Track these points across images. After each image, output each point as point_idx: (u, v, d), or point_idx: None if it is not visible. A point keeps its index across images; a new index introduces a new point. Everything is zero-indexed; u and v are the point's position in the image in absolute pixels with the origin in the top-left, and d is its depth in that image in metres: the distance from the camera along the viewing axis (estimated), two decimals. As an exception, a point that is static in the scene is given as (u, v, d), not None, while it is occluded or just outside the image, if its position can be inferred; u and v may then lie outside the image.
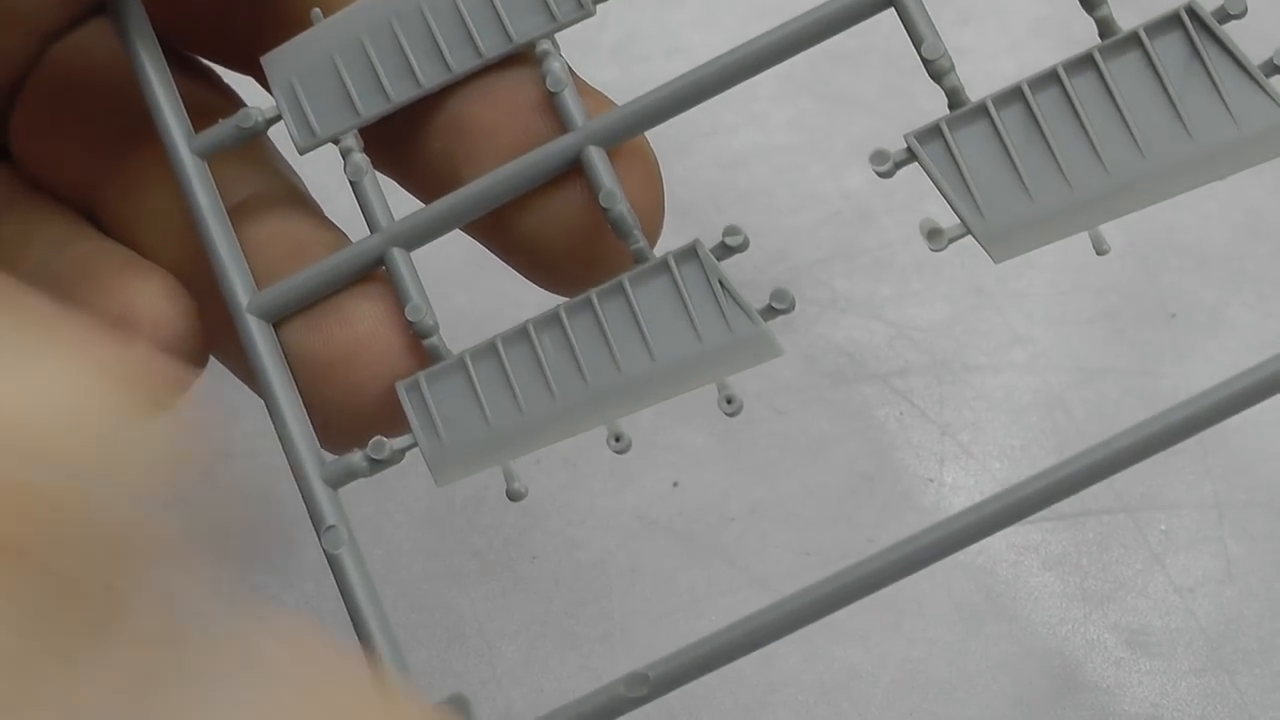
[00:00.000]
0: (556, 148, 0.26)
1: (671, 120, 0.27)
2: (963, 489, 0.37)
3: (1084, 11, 0.25)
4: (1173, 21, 0.24)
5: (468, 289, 0.40)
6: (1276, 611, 0.35)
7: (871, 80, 0.42)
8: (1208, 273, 0.40)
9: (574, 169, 0.26)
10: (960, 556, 0.37)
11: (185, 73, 0.30)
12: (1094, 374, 0.39)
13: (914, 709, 0.35)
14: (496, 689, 0.35)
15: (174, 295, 0.27)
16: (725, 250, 0.25)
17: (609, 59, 0.43)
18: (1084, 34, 0.26)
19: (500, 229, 0.27)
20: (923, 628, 0.35)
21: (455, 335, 0.27)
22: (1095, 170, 0.24)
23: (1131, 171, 0.24)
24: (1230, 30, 0.24)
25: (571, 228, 0.26)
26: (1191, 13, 0.24)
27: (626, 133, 0.26)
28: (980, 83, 0.45)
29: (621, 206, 0.25)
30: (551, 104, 0.26)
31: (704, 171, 0.42)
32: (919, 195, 0.39)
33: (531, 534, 0.37)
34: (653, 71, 0.43)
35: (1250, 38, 0.25)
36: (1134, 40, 0.24)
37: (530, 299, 0.28)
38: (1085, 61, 0.24)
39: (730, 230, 0.25)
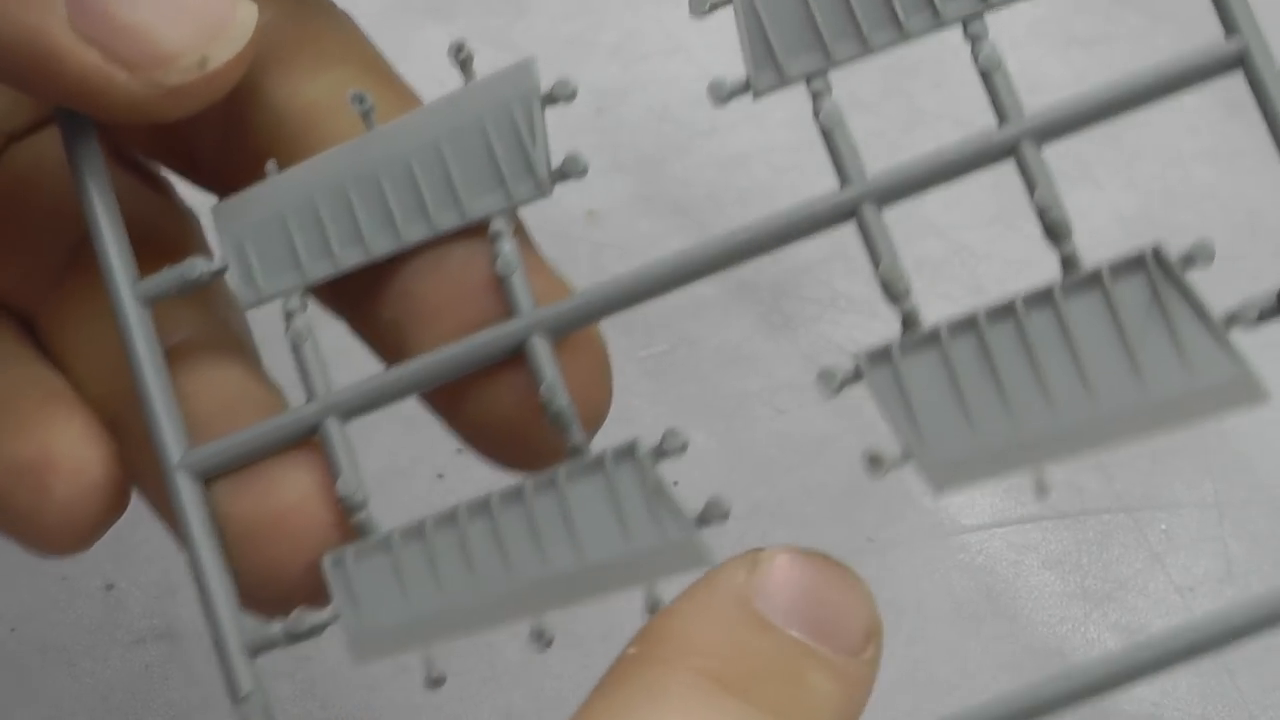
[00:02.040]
0: (500, 334, 0.25)
1: (671, 120, 0.27)
2: (963, 489, 0.37)
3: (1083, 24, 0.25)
4: (1137, 264, 0.24)
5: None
6: (1276, 611, 0.35)
7: (871, 80, 0.42)
8: (1208, 273, 0.40)
9: (517, 356, 0.25)
10: (960, 556, 0.37)
11: (134, 176, 0.30)
12: (1094, 374, 0.39)
13: (914, 709, 0.35)
14: (496, 689, 0.35)
15: (93, 438, 0.27)
16: (662, 454, 0.25)
17: (609, 59, 0.43)
18: (1084, 34, 0.26)
19: (445, 404, 0.26)
20: (923, 627, 0.35)
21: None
22: (1042, 410, 0.24)
23: (1079, 415, 0.24)
24: (1194, 278, 0.24)
25: (509, 417, 0.26)
26: (1158, 256, 0.24)
27: (575, 323, 0.25)
28: (978, 82, 0.45)
29: (560, 401, 0.25)
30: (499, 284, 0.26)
31: (704, 171, 0.42)
32: (919, 195, 0.39)
33: (531, 534, 0.37)
34: (652, 71, 0.43)
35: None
36: (1096, 280, 0.24)
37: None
38: (1044, 297, 0.24)
39: (670, 433, 0.25)
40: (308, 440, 0.26)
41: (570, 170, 0.26)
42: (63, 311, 0.28)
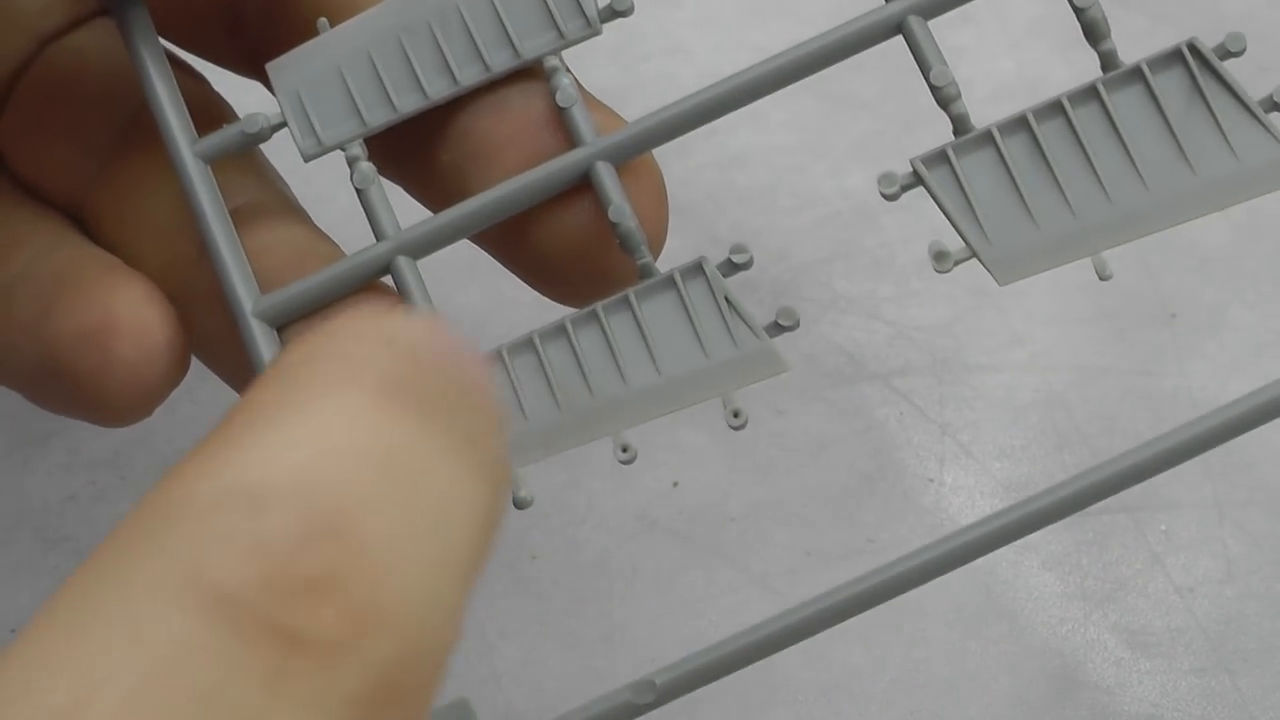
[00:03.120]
0: (566, 163, 0.26)
1: (670, 120, 0.27)
2: (963, 489, 0.37)
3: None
4: (1174, 57, 0.25)
5: (466, 288, 0.40)
6: (1276, 611, 0.35)
7: (871, 80, 0.42)
8: (1208, 273, 0.40)
9: (582, 184, 0.26)
10: (960, 556, 0.37)
11: (181, 74, 0.30)
12: (1094, 373, 0.39)
13: (914, 709, 0.35)
14: (496, 689, 0.35)
15: (155, 301, 0.27)
16: (732, 267, 0.25)
17: (609, 59, 0.43)
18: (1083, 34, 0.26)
19: (508, 241, 0.27)
20: (923, 628, 0.35)
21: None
22: (1099, 199, 0.25)
23: (1134, 201, 0.25)
24: (1230, 66, 0.25)
25: (579, 242, 0.26)
26: (1193, 49, 0.25)
27: (635, 150, 0.26)
28: (980, 82, 0.45)
29: (630, 222, 0.25)
30: (560, 119, 0.26)
31: (704, 171, 0.42)
32: (919, 195, 0.39)
33: (531, 534, 0.37)
34: (653, 71, 0.43)
35: (1250, 69, 0.25)
36: (1137, 74, 0.25)
37: (527, 298, 0.28)
38: (1089, 93, 0.25)
39: (737, 248, 0.25)
40: (375, 284, 0.26)
41: (619, 7, 0.26)
42: (113, 196, 0.29)
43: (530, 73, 0.27)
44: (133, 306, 0.27)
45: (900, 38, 0.26)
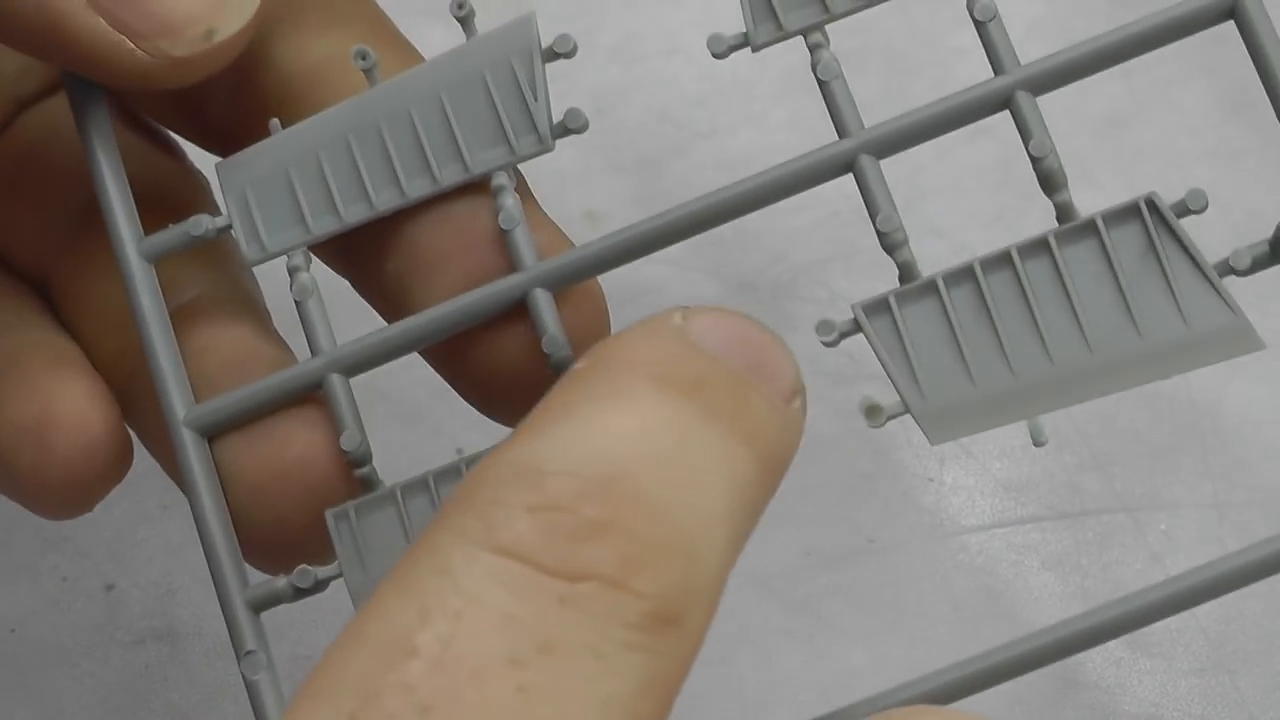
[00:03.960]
0: (503, 287, 0.26)
1: (670, 121, 0.27)
2: (963, 488, 0.37)
3: (1083, 11, 0.25)
4: (1131, 212, 0.24)
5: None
6: (1276, 611, 0.35)
7: (871, 80, 0.42)
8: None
9: (521, 309, 0.26)
10: (960, 556, 0.37)
11: (145, 139, 0.30)
12: (1094, 374, 0.39)
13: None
14: (496, 689, 0.35)
15: (96, 396, 0.27)
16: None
17: (608, 59, 0.43)
18: (1084, 34, 0.26)
19: (447, 359, 0.27)
20: (923, 628, 0.35)
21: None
22: (1039, 359, 0.24)
23: (1076, 364, 0.24)
24: (1188, 225, 0.24)
25: (515, 367, 0.26)
26: (1151, 205, 0.24)
27: (575, 277, 0.26)
28: (980, 78, 0.45)
29: (563, 352, 0.25)
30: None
31: (704, 171, 0.42)
32: (919, 195, 0.39)
33: (531, 534, 0.37)
34: (652, 71, 0.43)
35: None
36: (1091, 228, 0.24)
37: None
38: (1040, 246, 0.24)
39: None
40: (312, 397, 0.26)
41: (572, 124, 0.26)
42: (74, 273, 0.29)
43: (478, 187, 0.26)
44: (73, 401, 0.27)
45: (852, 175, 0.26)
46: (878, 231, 0.25)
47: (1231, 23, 0.25)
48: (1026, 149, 0.24)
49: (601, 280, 0.27)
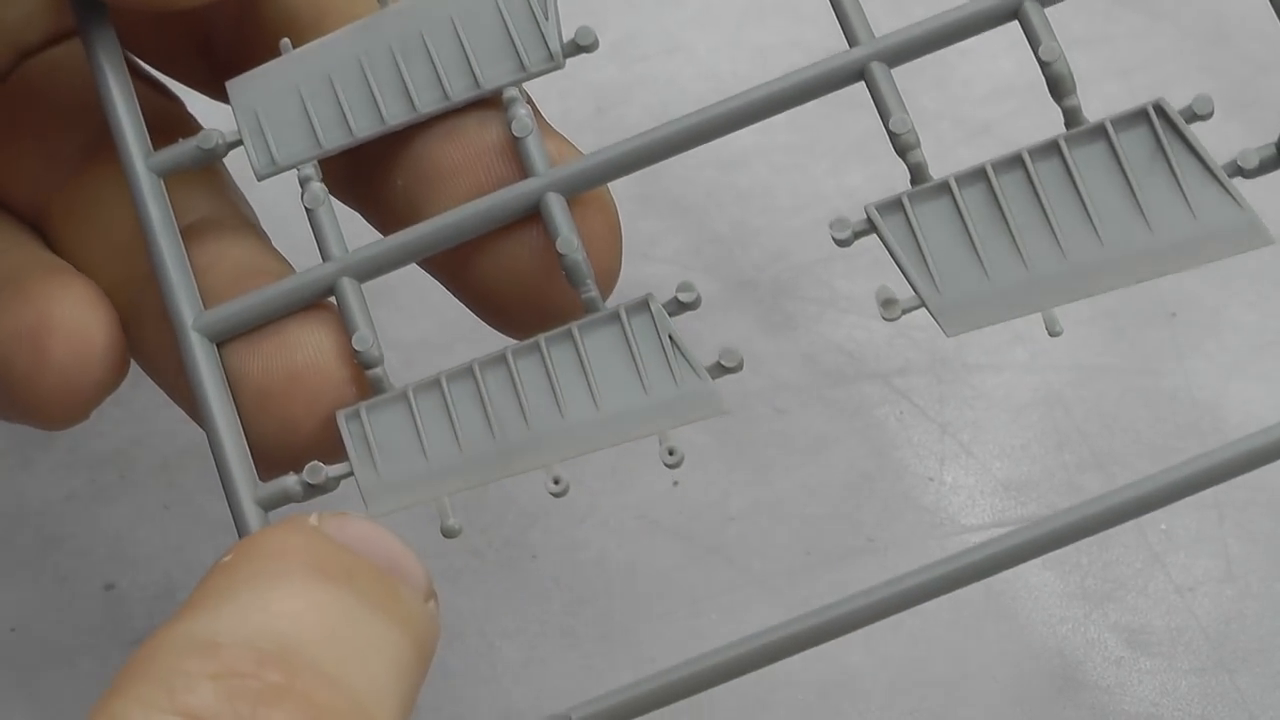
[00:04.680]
0: (516, 192, 0.26)
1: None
2: (963, 488, 0.37)
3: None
4: (1139, 117, 0.25)
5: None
6: (1276, 611, 0.35)
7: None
8: (1208, 272, 0.40)
9: (533, 215, 0.26)
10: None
11: (147, 86, 0.30)
12: (1094, 373, 0.39)
13: (914, 709, 0.35)
14: (497, 689, 0.35)
15: (95, 304, 0.27)
16: (679, 306, 0.25)
17: (608, 58, 0.43)
18: (1084, 34, 0.26)
19: (455, 268, 0.27)
20: (923, 628, 0.35)
21: (455, 333, 0.27)
22: (1053, 254, 0.24)
23: (1088, 258, 0.24)
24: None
25: (525, 273, 0.26)
26: (1159, 110, 0.25)
27: (588, 183, 0.26)
28: (980, 82, 0.45)
29: (577, 254, 0.25)
30: (515, 150, 0.26)
31: (704, 171, 0.42)
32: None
33: (531, 534, 0.37)
34: (652, 71, 0.43)
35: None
36: (1100, 131, 0.25)
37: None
38: (1050, 148, 0.25)
39: (684, 286, 0.25)
40: (319, 305, 0.26)
41: (583, 42, 0.26)
42: (72, 206, 0.29)
43: (489, 102, 0.27)
44: (71, 308, 0.27)
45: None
46: (890, 133, 0.25)
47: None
48: (1036, 54, 0.25)
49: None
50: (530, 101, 0.27)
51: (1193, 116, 0.25)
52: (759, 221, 0.41)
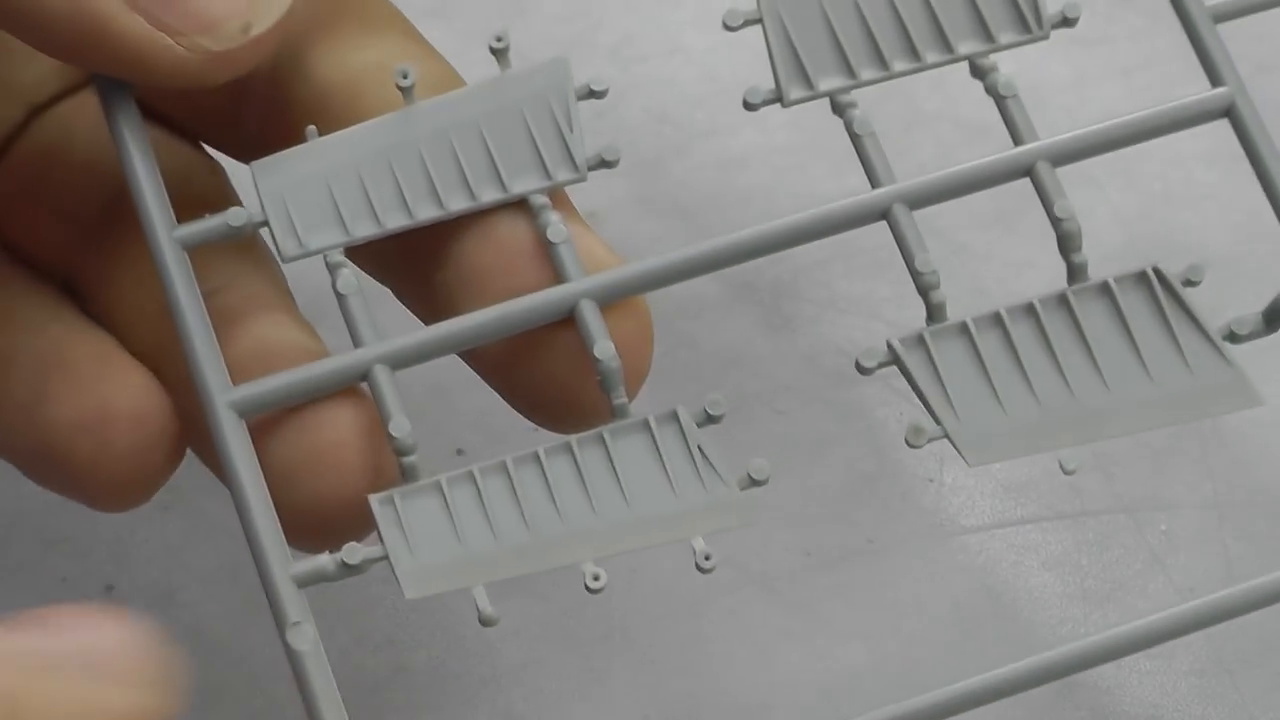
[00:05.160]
0: (553, 297, 0.26)
1: (670, 122, 0.27)
2: (963, 489, 0.37)
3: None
4: (1140, 279, 0.27)
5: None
6: (1277, 612, 0.35)
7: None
8: (1208, 272, 0.40)
9: (568, 319, 0.26)
10: (960, 557, 0.37)
11: (178, 140, 0.30)
12: (1094, 374, 0.39)
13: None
14: (497, 689, 0.35)
15: (152, 391, 0.27)
16: (707, 418, 0.26)
17: (608, 59, 0.43)
18: (1084, 34, 0.26)
19: (492, 365, 0.27)
20: (923, 628, 0.35)
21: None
22: (1064, 397, 0.27)
23: (1098, 403, 0.27)
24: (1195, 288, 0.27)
25: (561, 377, 0.27)
26: (1158, 274, 0.27)
27: (623, 292, 0.27)
28: (979, 84, 0.45)
29: (613, 363, 0.26)
30: (548, 252, 0.26)
31: (704, 172, 0.42)
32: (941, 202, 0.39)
33: (531, 534, 0.37)
34: (651, 72, 0.43)
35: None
36: (1105, 289, 0.27)
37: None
38: (1059, 300, 0.27)
39: (713, 402, 0.26)
40: (349, 390, 0.26)
41: (608, 158, 0.27)
42: (101, 271, 0.29)
43: (517, 205, 0.27)
44: (130, 397, 0.27)
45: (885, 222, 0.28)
46: (915, 273, 0.27)
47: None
48: (1050, 213, 0.27)
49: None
50: (564, 195, 0.27)
51: (1188, 282, 0.27)
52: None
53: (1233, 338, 0.28)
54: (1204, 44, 0.29)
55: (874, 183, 0.28)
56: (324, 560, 0.25)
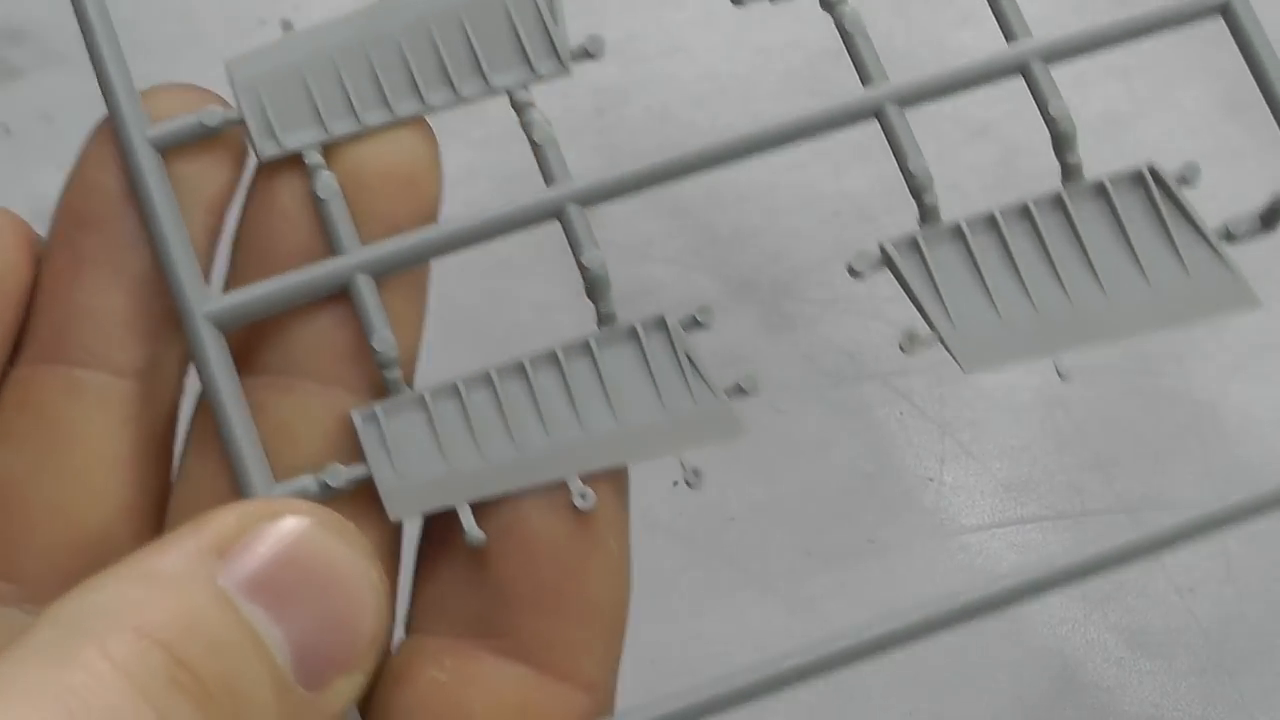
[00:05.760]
0: (541, 199, 0.26)
1: (671, 120, 0.27)
2: (963, 488, 0.37)
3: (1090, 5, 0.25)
4: (1136, 180, 0.26)
5: (466, 289, 0.40)
6: (1276, 611, 0.35)
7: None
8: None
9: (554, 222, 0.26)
10: (960, 556, 0.37)
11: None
12: (1094, 373, 0.39)
13: (914, 709, 0.35)
14: (496, 689, 0.35)
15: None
16: (694, 324, 0.25)
17: (608, 59, 0.43)
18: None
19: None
20: (923, 628, 0.35)
21: (455, 333, 0.27)
22: (1060, 300, 0.26)
23: (1093, 306, 0.26)
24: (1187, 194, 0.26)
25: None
26: (1154, 174, 0.26)
27: (608, 195, 0.26)
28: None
29: (600, 271, 0.25)
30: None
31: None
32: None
33: (531, 534, 0.37)
34: (652, 71, 0.43)
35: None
36: (1100, 190, 0.26)
37: (526, 297, 0.28)
38: (1054, 201, 0.26)
39: (702, 309, 0.25)
40: (336, 297, 0.26)
41: (592, 49, 0.27)
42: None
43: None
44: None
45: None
46: (908, 174, 0.26)
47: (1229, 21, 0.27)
48: (1045, 112, 0.27)
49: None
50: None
51: (1184, 181, 0.27)
52: (759, 222, 0.41)
53: (1229, 238, 0.27)
54: None
55: (865, 80, 0.27)
56: (306, 481, 0.25)
